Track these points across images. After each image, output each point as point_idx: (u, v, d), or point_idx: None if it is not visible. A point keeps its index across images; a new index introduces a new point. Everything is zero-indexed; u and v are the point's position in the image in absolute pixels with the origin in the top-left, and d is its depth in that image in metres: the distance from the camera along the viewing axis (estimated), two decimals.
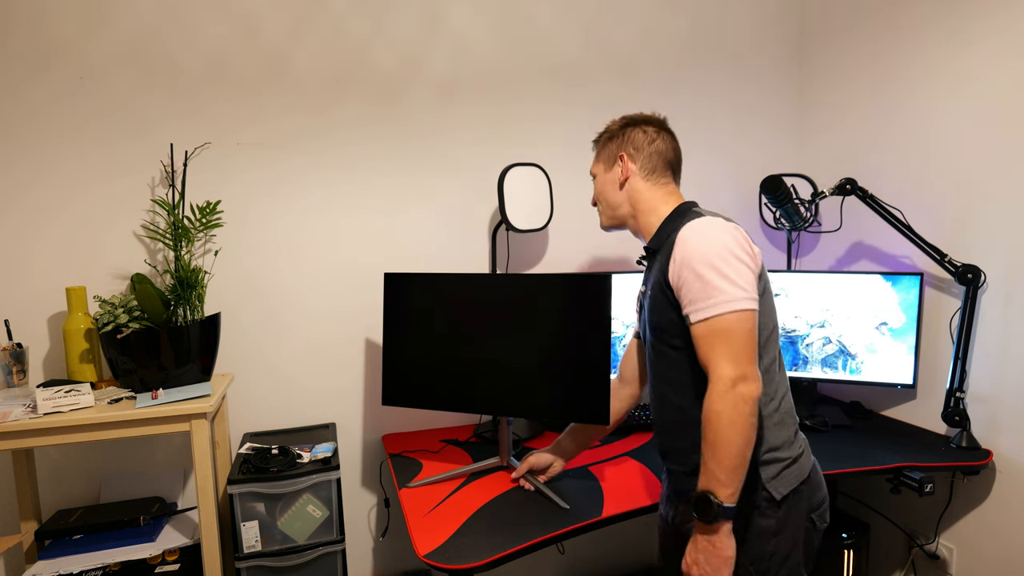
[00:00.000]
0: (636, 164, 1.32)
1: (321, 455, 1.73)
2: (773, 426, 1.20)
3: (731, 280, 1.11)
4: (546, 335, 1.55)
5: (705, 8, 2.27)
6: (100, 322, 1.61)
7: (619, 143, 1.34)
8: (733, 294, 1.10)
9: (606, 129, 1.40)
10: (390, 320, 1.71)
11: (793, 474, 1.20)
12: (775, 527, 1.19)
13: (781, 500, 1.18)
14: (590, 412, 1.49)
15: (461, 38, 2.03)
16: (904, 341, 1.91)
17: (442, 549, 1.31)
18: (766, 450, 1.19)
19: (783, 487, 1.19)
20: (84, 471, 1.82)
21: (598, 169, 1.39)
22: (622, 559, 2.33)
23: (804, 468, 1.22)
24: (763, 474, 1.18)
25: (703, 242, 1.14)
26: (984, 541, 1.81)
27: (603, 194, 1.38)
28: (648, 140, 1.32)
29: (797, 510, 1.21)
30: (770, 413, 1.20)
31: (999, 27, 1.71)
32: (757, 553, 1.19)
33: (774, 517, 1.19)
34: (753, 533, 1.19)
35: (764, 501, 1.18)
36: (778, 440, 1.20)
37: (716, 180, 2.33)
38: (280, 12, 1.87)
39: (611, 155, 1.35)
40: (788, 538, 1.20)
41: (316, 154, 1.94)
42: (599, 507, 1.48)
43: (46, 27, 1.70)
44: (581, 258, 2.21)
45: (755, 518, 1.19)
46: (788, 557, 1.20)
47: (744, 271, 1.12)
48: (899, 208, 1.93)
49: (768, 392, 1.19)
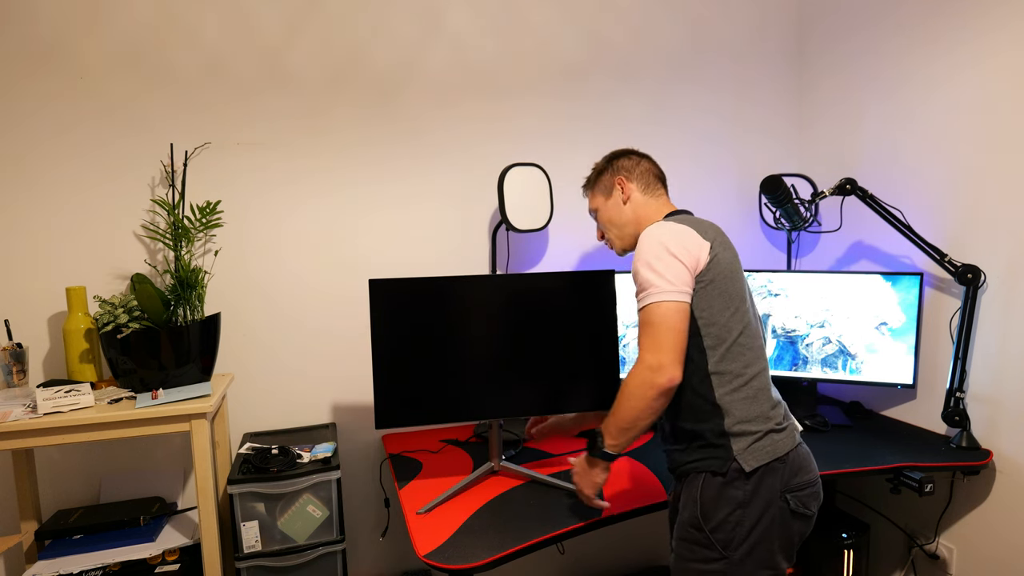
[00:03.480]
0: (632, 183, 1.45)
1: (321, 455, 1.73)
2: (741, 400, 1.26)
3: (659, 274, 1.23)
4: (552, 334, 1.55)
5: (705, 8, 2.27)
6: (100, 322, 1.61)
7: (611, 173, 1.48)
8: (660, 287, 1.22)
9: (593, 170, 1.53)
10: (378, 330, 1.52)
11: (765, 448, 1.25)
12: (742, 498, 1.23)
13: (751, 472, 1.23)
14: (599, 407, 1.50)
15: (460, 38, 2.03)
16: (904, 341, 1.91)
17: (442, 549, 1.31)
18: (735, 422, 1.25)
19: (753, 460, 1.24)
20: (84, 471, 1.82)
21: (598, 202, 1.50)
22: (622, 559, 2.33)
23: (780, 446, 1.26)
24: (734, 446, 1.24)
25: (645, 241, 1.28)
26: (984, 541, 1.81)
27: (610, 220, 1.47)
28: (635, 163, 1.47)
29: (768, 485, 1.24)
30: (738, 387, 1.26)
31: (999, 27, 1.70)
32: (721, 520, 1.23)
33: (742, 488, 1.23)
34: (722, 501, 1.24)
35: (734, 472, 1.24)
36: (748, 414, 1.26)
37: (716, 180, 2.33)
38: (279, 12, 1.87)
39: (607, 185, 1.48)
40: (755, 511, 1.23)
41: (316, 154, 1.94)
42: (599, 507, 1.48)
43: (46, 27, 1.71)
44: (581, 258, 2.21)
45: (724, 487, 1.24)
46: (752, 531, 1.23)
47: (675, 266, 1.23)
48: (899, 208, 1.92)
49: (733, 369, 1.27)
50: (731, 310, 1.28)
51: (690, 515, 1.27)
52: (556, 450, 1.83)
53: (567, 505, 1.49)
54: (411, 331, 1.55)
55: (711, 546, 1.24)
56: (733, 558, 1.23)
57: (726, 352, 1.26)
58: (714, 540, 1.23)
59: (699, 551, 1.25)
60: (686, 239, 1.26)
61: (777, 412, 1.30)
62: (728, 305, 1.28)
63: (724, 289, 1.28)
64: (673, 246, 1.24)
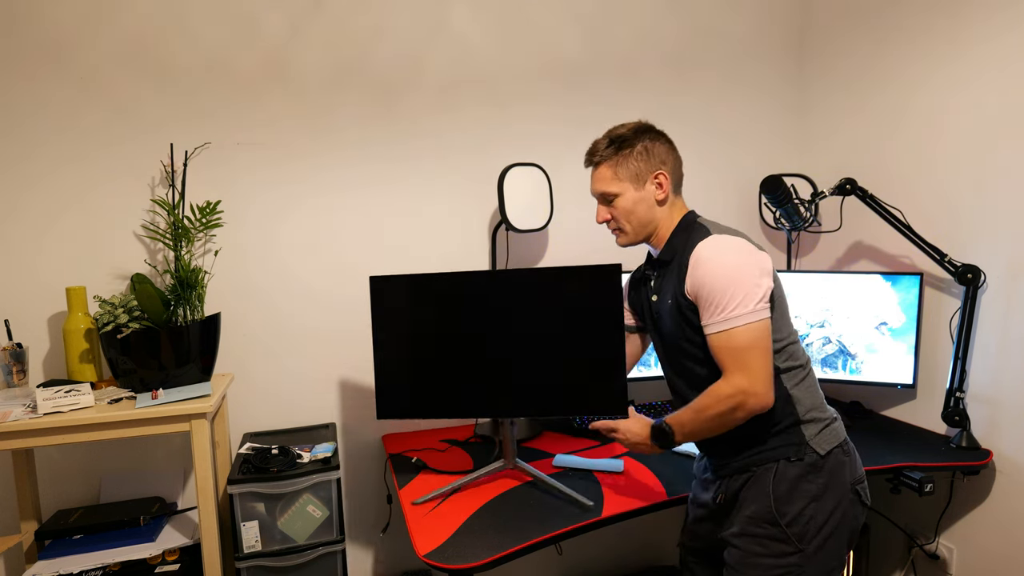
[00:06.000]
0: (671, 179, 1.35)
1: (321, 455, 1.73)
2: (806, 389, 1.30)
3: (750, 295, 1.20)
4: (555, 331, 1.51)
5: (705, 8, 2.27)
6: (100, 322, 1.61)
7: (647, 159, 1.33)
8: (749, 307, 1.20)
9: (612, 141, 1.35)
10: (379, 326, 1.58)
11: (832, 433, 1.30)
12: (815, 491, 1.25)
13: (824, 458, 1.26)
14: (607, 405, 1.48)
15: (461, 38, 2.03)
16: (904, 341, 1.91)
17: (442, 549, 1.31)
18: (807, 410, 1.29)
19: (826, 444, 1.27)
20: (84, 471, 1.82)
21: (621, 188, 1.34)
22: (622, 559, 2.33)
23: (840, 432, 1.32)
24: (806, 432, 1.28)
25: (728, 259, 1.23)
26: (984, 541, 1.81)
27: (634, 213, 1.35)
28: (670, 153, 1.36)
29: (840, 478, 1.27)
30: (802, 379, 1.30)
31: (999, 28, 1.70)
32: (797, 514, 1.25)
33: (815, 482, 1.25)
34: (796, 494, 1.25)
35: (809, 464, 1.26)
36: (815, 402, 1.31)
37: (716, 180, 2.33)
38: (281, 13, 1.87)
39: (639, 174, 1.33)
40: (828, 505, 1.25)
41: (316, 154, 1.94)
42: (599, 507, 1.48)
43: (46, 27, 1.70)
44: (581, 258, 2.20)
45: (798, 481, 1.26)
46: (826, 523, 1.25)
47: (764, 285, 1.22)
48: (899, 208, 1.92)
49: (796, 364, 1.30)
50: (787, 314, 1.32)
51: (762, 509, 1.27)
52: (554, 450, 1.83)
53: (567, 505, 1.49)
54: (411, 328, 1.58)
55: (787, 540, 1.24)
56: (807, 551, 1.24)
57: (790, 351, 1.30)
58: (790, 534, 1.24)
59: (773, 545, 1.25)
60: (762, 259, 1.26)
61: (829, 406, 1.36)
62: (784, 310, 1.32)
63: (780, 295, 1.31)
64: (758, 268, 1.23)
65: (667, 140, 1.37)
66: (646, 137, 1.34)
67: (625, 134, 1.34)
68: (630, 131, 1.34)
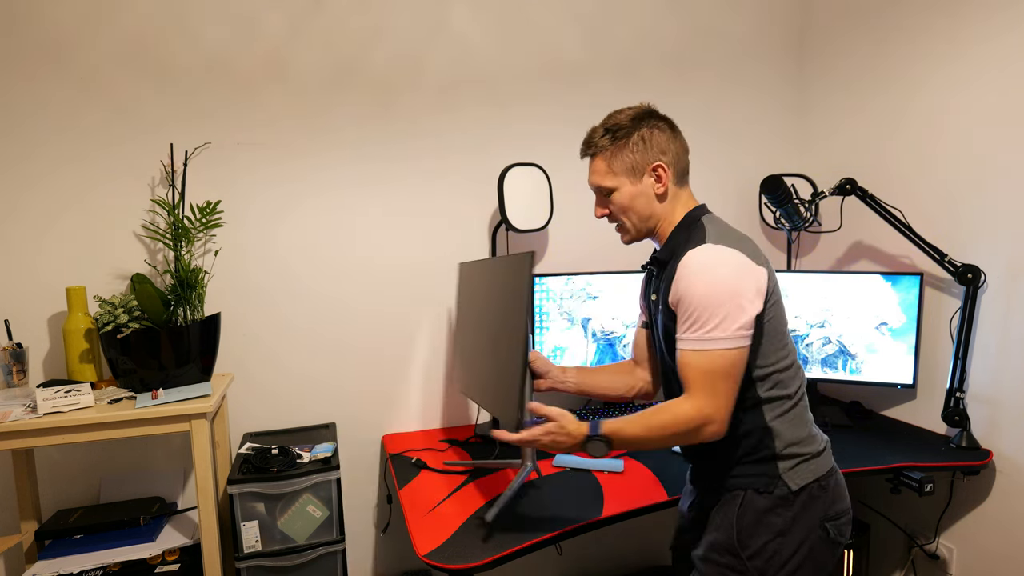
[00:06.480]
0: (670, 171, 1.24)
1: (321, 455, 1.73)
2: (789, 422, 1.22)
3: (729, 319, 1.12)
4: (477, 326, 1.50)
5: (705, 7, 2.27)
6: (100, 322, 1.61)
7: (643, 150, 1.22)
8: (728, 332, 1.12)
9: (608, 131, 1.25)
10: None
11: (809, 469, 1.22)
12: (782, 525, 1.19)
13: (796, 494, 1.19)
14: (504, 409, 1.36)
15: (461, 38, 2.03)
16: (904, 341, 1.91)
17: (442, 549, 1.31)
18: (785, 445, 1.21)
19: (800, 479, 1.20)
20: (84, 471, 1.82)
21: (618, 183, 1.25)
22: (622, 559, 2.33)
23: (821, 467, 1.23)
24: (780, 466, 1.21)
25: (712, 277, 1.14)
26: (984, 541, 1.81)
27: (631, 208, 1.26)
28: (672, 140, 1.24)
29: (809, 513, 1.20)
30: (787, 410, 1.22)
31: (999, 28, 1.70)
32: (759, 548, 1.19)
33: (783, 516, 1.19)
34: (761, 527, 1.19)
35: (778, 497, 1.19)
36: (797, 436, 1.22)
37: (716, 180, 2.33)
38: (280, 12, 1.87)
39: (636, 167, 1.23)
40: (793, 541, 1.19)
41: (316, 154, 1.94)
42: (599, 507, 1.48)
43: (46, 27, 1.70)
44: (581, 258, 2.21)
45: (765, 514, 1.19)
46: (790, 560, 1.18)
47: (748, 311, 1.13)
48: (899, 208, 1.92)
49: (782, 394, 1.22)
50: (782, 340, 1.22)
51: (724, 538, 1.22)
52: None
53: (566, 505, 1.49)
54: None
55: (746, 573, 1.19)
56: None
57: (776, 381, 1.21)
58: (750, 567, 1.19)
59: None
60: (756, 279, 1.16)
61: (818, 435, 1.27)
62: (779, 336, 1.21)
63: (778, 316, 1.21)
64: (748, 290, 1.14)
65: (669, 126, 1.26)
66: (644, 125, 1.23)
67: (621, 122, 1.24)
68: (628, 119, 1.24)
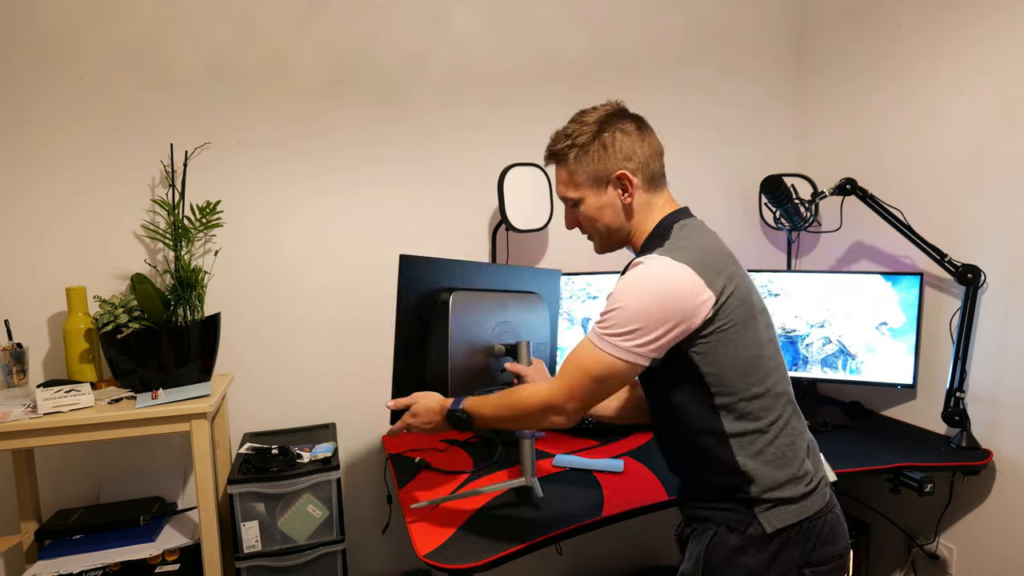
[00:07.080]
0: (637, 178, 1.13)
1: (321, 455, 1.73)
2: (766, 463, 1.07)
3: (633, 332, 1.02)
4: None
5: (705, 7, 2.27)
6: (100, 322, 1.61)
7: (605, 159, 1.12)
8: (625, 344, 1.03)
9: (568, 138, 1.15)
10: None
11: (791, 512, 1.08)
12: (754, 567, 1.06)
13: (771, 536, 1.06)
14: None
15: (461, 38, 2.03)
16: (904, 341, 1.91)
17: (442, 549, 1.31)
18: (763, 490, 1.07)
19: (776, 522, 1.06)
20: (84, 471, 1.82)
21: (582, 193, 1.16)
22: (621, 559, 2.33)
23: (808, 507, 1.08)
24: (755, 508, 1.08)
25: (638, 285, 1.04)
26: (984, 541, 1.81)
27: (598, 219, 1.17)
28: (638, 143, 1.13)
29: (786, 558, 1.06)
30: (762, 448, 1.07)
31: (999, 27, 1.70)
32: None
33: (756, 558, 1.06)
34: (730, 568, 1.08)
35: (751, 536, 1.07)
36: (778, 480, 1.07)
37: (716, 180, 2.33)
38: (281, 12, 1.87)
39: (599, 176, 1.13)
40: None
41: (316, 154, 1.94)
42: (599, 507, 1.48)
43: (46, 27, 1.71)
44: (581, 258, 2.20)
45: (736, 553, 1.08)
46: None
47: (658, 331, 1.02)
48: (899, 208, 1.92)
49: (753, 427, 1.07)
50: (745, 364, 1.07)
51: (691, 571, 1.12)
52: (554, 450, 1.83)
53: (566, 505, 1.49)
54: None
55: None
56: None
57: (743, 411, 1.07)
58: None
59: None
60: (692, 306, 1.02)
61: (807, 465, 1.11)
62: (738, 359, 1.06)
63: (735, 339, 1.05)
64: (668, 308, 1.01)
65: (637, 127, 1.14)
66: (607, 129, 1.12)
67: (582, 127, 1.14)
68: (590, 122, 1.14)
